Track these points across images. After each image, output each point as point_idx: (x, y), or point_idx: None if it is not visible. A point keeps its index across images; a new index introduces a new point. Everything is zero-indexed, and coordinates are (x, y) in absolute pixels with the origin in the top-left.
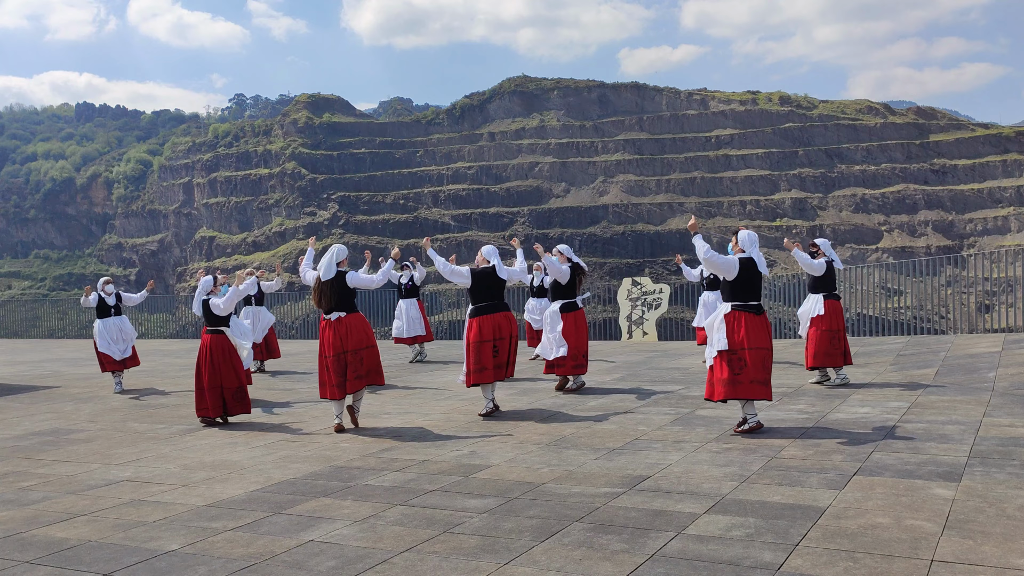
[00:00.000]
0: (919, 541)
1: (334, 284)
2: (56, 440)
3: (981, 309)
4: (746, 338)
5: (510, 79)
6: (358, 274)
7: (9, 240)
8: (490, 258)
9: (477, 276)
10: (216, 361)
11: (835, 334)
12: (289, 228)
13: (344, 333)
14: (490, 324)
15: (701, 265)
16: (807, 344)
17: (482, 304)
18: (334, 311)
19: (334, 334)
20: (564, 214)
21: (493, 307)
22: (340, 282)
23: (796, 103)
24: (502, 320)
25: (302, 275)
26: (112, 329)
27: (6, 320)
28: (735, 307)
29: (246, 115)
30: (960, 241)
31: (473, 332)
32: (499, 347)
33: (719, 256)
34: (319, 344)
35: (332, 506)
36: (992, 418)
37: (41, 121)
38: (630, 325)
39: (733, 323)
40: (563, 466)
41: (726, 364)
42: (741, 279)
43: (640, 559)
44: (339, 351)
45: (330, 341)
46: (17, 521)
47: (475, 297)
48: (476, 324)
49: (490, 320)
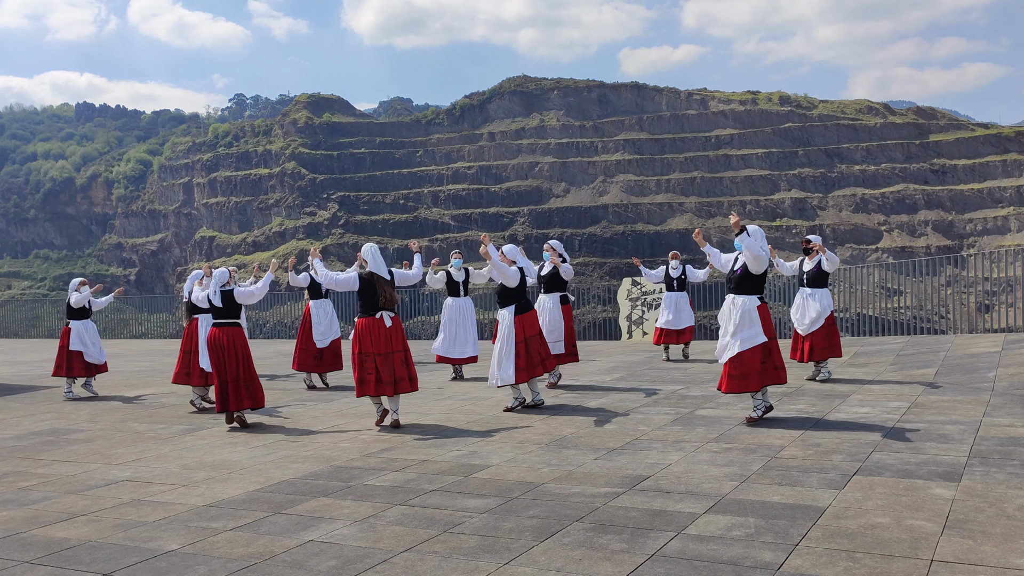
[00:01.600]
0: (919, 541)
1: (390, 282)
2: (56, 440)
3: (981, 309)
4: (768, 329)
5: (510, 79)
6: (404, 271)
7: (9, 240)
8: (515, 258)
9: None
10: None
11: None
12: (289, 228)
13: (395, 334)
14: (531, 320)
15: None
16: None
17: (522, 302)
18: (385, 310)
19: (386, 334)
20: (564, 214)
21: (527, 305)
22: (392, 281)
23: (796, 103)
24: (533, 317)
25: (327, 279)
26: (91, 331)
27: (6, 320)
28: (761, 299)
29: (246, 115)
30: (960, 241)
31: (518, 329)
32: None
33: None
34: (359, 342)
35: (332, 506)
36: (992, 418)
37: (41, 121)
38: (630, 325)
39: (764, 315)
40: (563, 466)
41: (759, 354)
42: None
43: (640, 559)
44: (388, 351)
45: (378, 339)
46: (17, 521)
47: (512, 296)
48: (519, 322)
49: (530, 317)
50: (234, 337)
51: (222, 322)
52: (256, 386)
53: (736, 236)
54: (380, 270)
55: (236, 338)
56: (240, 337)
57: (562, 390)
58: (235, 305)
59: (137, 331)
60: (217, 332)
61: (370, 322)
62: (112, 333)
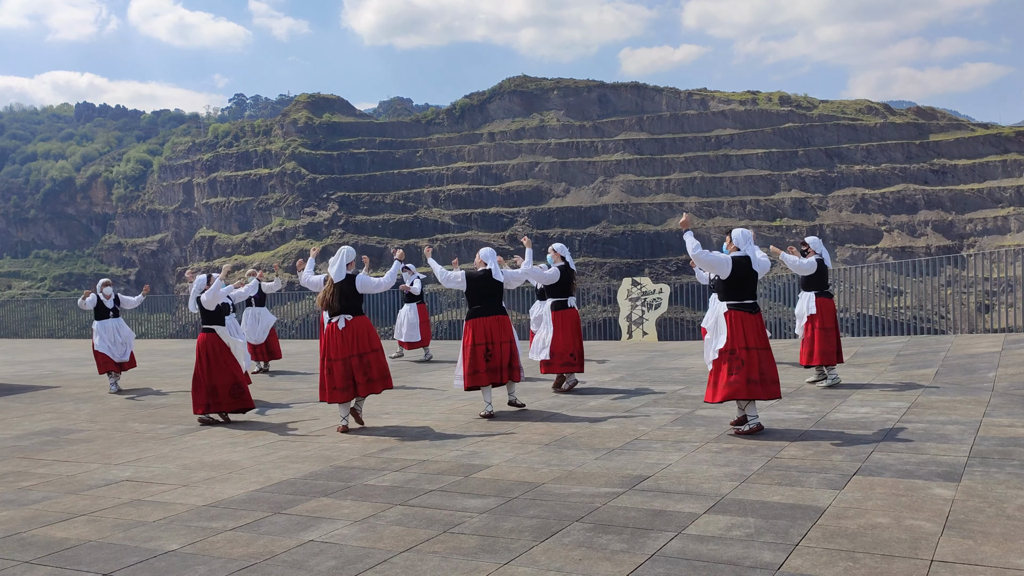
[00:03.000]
0: (919, 541)
1: (344, 287)
2: (56, 440)
3: (981, 309)
4: (745, 338)
5: (510, 79)
6: (368, 277)
7: (9, 240)
8: (487, 261)
9: (472, 280)
10: (210, 359)
11: (830, 332)
12: (289, 228)
13: (351, 337)
14: (482, 327)
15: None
16: (803, 343)
17: (476, 307)
18: (341, 314)
19: (341, 338)
20: (564, 214)
21: (486, 310)
22: (350, 285)
23: (796, 103)
24: (494, 323)
25: (304, 280)
26: (110, 331)
27: (6, 320)
28: (731, 307)
29: (246, 115)
30: (960, 241)
31: (467, 335)
32: (492, 351)
33: (710, 253)
34: (321, 347)
35: (332, 506)
36: (992, 418)
37: (41, 121)
38: (630, 325)
39: (731, 323)
40: (563, 466)
41: (725, 365)
42: (736, 277)
43: (640, 559)
44: (346, 355)
45: (336, 344)
46: (17, 521)
47: (471, 300)
48: (470, 327)
49: (482, 323)
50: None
51: (208, 328)
52: (244, 388)
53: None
54: (332, 271)
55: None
56: (222, 342)
57: (562, 390)
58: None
59: (137, 331)
60: (204, 338)
61: (329, 327)
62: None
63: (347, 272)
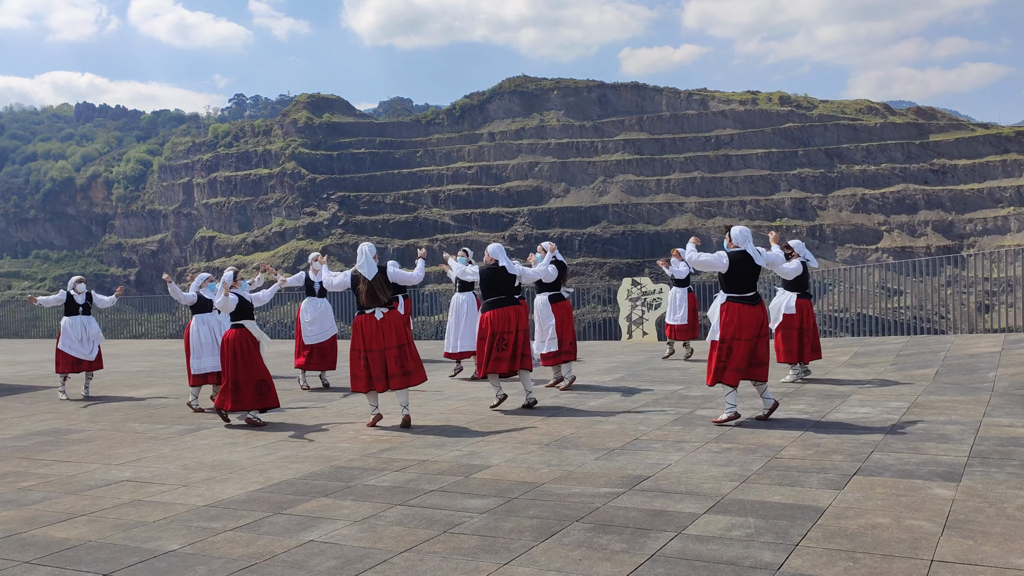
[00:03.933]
0: (919, 541)
1: (380, 280)
2: (56, 440)
3: (981, 309)
4: (737, 329)
5: (510, 79)
6: (401, 270)
7: (9, 240)
8: (496, 256)
9: (485, 274)
10: (236, 356)
11: (804, 332)
12: (289, 228)
13: (390, 328)
14: (500, 317)
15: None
16: (779, 341)
17: (491, 299)
18: (378, 307)
19: (377, 329)
20: (564, 214)
21: (502, 301)
22: (384, 278)
23: (796, 103)
24: (511, 313)
25: (328, 284)
26: (78, 327)
27: (6, 320)
28: (730, 299)
29: (246, 115)
30: (960, 241)
31: (483, 325)
32: (507, 339)
33: (705, 255)
34: (354, 339)
35: (332, 506)
36: (992, 418)
37: (41, 121)
38: (630, 325)
39: (725, 315)
40: (563, 466)
41: (715, 353)
42: (734, 272)
43: (640, 559)
44: (383, 347)
45: (372, 335)
46: (17, 521)
47: (485, 293)
48: (487, 318)
49: (500, 313)
50: (248, 338)
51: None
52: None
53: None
54: (364, 270)
55: (250, 339)
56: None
57: (562, 388)
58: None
59: (137, 331)
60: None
61: (362, 318)
62: (112, 333)
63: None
